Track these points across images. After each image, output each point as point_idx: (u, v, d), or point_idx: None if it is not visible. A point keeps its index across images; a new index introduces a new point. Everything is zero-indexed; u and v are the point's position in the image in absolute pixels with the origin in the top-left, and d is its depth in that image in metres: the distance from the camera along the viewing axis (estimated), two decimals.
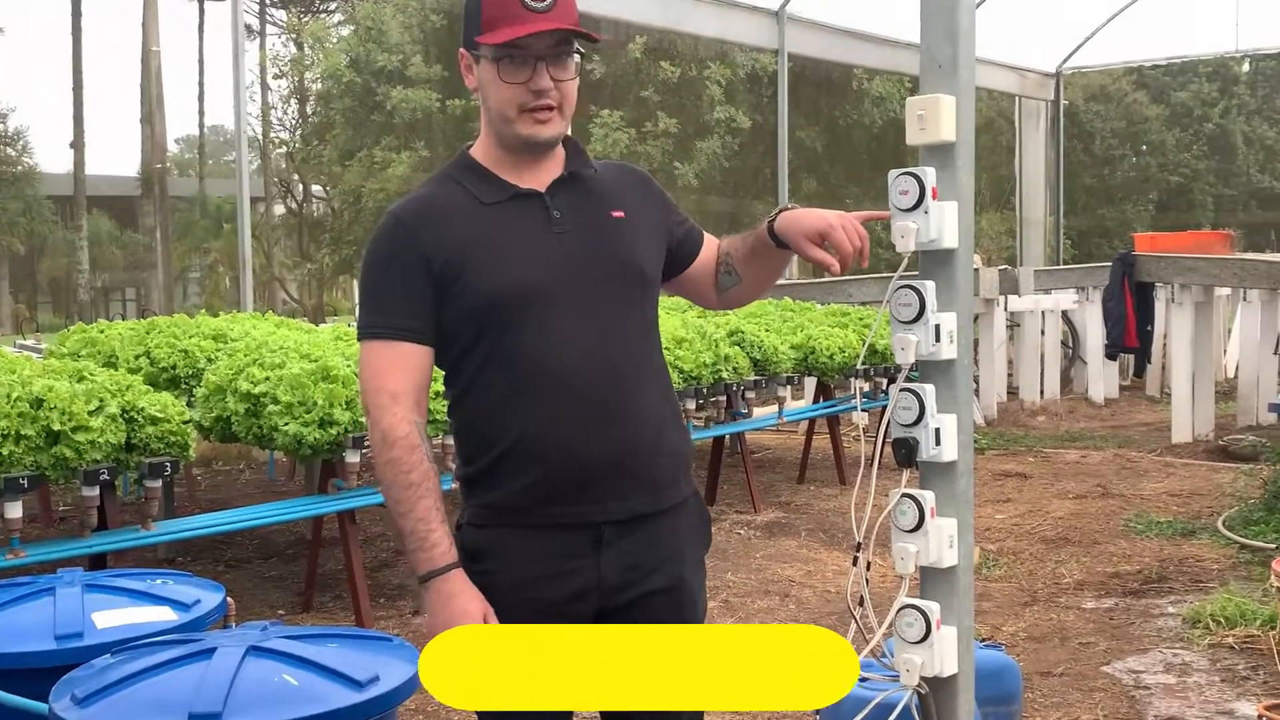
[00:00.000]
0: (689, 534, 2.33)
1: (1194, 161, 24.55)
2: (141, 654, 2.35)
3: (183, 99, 67.56)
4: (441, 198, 2.24)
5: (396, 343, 2.18)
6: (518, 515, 2.19)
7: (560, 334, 2.16)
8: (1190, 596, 5.41)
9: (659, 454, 2.24)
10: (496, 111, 2.20)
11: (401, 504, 2.14)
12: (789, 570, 6.07)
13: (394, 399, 2.16)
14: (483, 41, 2.15)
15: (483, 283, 2.15)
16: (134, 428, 4.56)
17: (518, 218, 2.21)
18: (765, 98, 18.56)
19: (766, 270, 2.43)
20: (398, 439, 2.14)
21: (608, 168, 2.37)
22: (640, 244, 2.28)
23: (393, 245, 2.20)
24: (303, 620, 5.36)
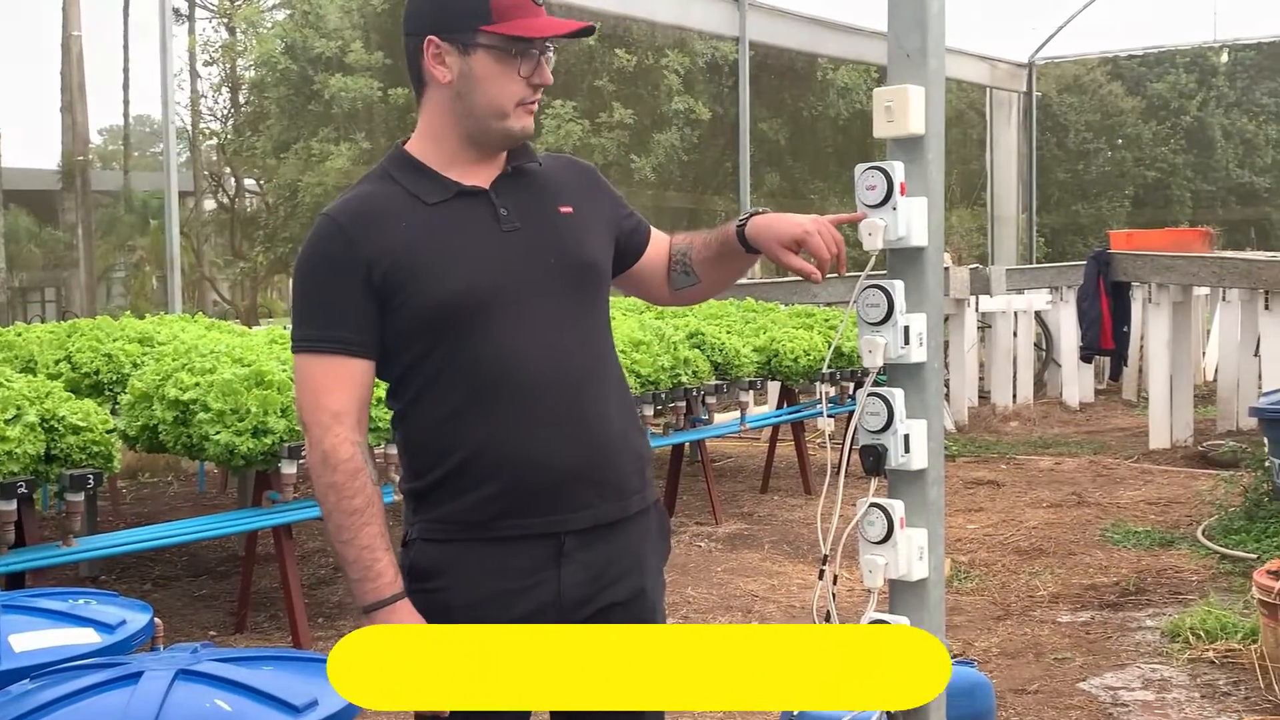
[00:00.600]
0: (650, 543, 2.34)
1: (1171, 155, 24.84)
2: (62, 679, 2.32)
3: (106, 87, 66.83)
4: (380, 197, 2.21)
5: (336, 357, 2.15)
6: (475, 529, 2.18)
7: (517, 338, 2.16)
8: (1169, 609, 5.47)
9: (623, 457, 2.25)
10: (490, 106, 2.18)
11: (344, 530, 2.13)
12: (752, 584, 6.09)
13: (335, 418, 2.13)
14: (494, 30, 2.14)
15: (432, 289, 2.14)
16: (54, 437, 4.50)
17: (464, 217, 2.20)
18: (726, 88, 18.60)
19: (729, 273, 2.45)
20: (340, 462, 2.12)
21: (553, 162, 2.37)
22: (590, 240, 2.29)
23: (329, 251, 2.17)
24: (236, 642, 5.31)
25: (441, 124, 2.22)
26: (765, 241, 2.29)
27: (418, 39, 2.19)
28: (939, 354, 2.36)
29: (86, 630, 2.75)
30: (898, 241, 2.28)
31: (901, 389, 2.31)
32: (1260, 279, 9.07)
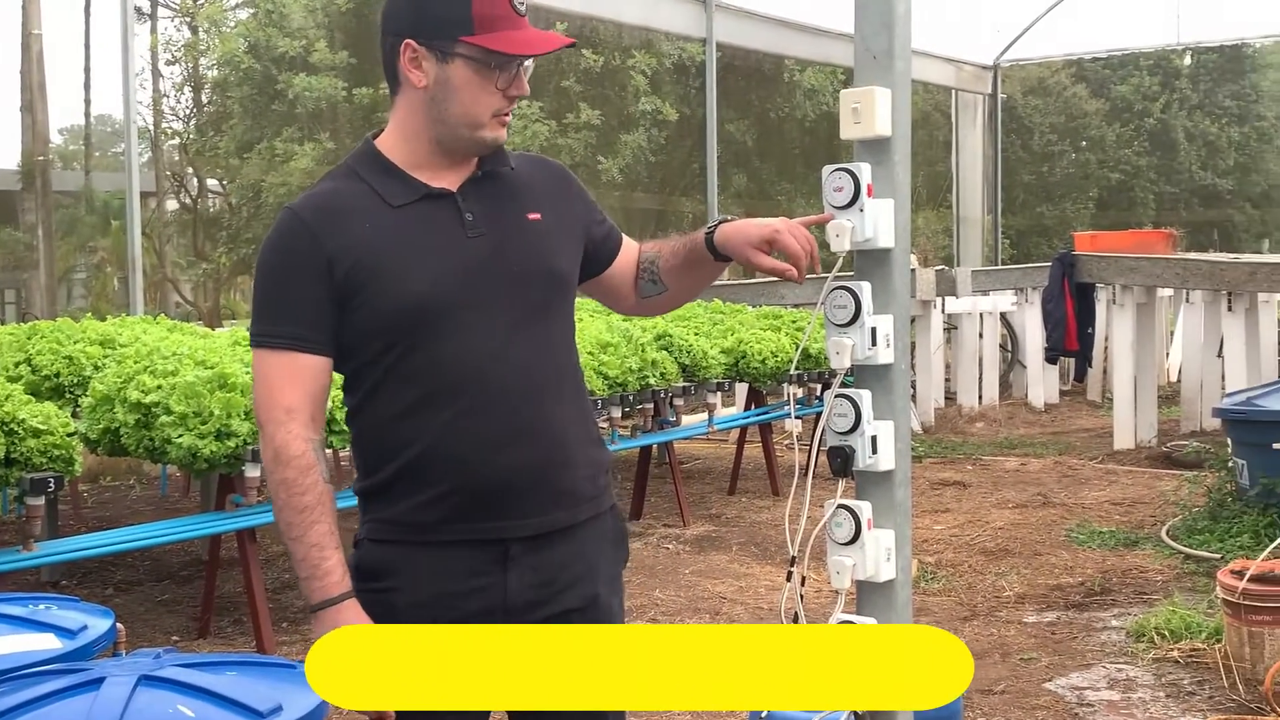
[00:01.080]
0: (603, 550, 2.31)
1: (1135, 158, 25.07)
2: (23, 685, 2.30)
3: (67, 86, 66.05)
4: (346, 195, 2.19)
5: (293, 353, 2.14)
6: (420, 531, 2.17)
7: (474, 344, 2.15)
8: (1134, 609, 5.51)
9: (576, 466, 2.24)
10: (463, 116, 2.17)
11: (294, 528, 2.12)
12: (720, 586, 6.10)
13: (289, 414, 2.13)
14: (475, 42, 2.13)
15: (392, 292, 2.13)
16: (14, 440, 4.46)
17: (428, 220, 2.18)
18: (693, 89, 18.63)
19: (697, 280, 2.45)
20: (291, 458, 2.12)
21: (525, 163, 2.35)
22: (557, 247, 2.27)
23: (291, 246, 2.16)
24: (199, 647, 5.28)
25: (414, 126, 2.21)
26: (736, 246, 2.28)
27: (395, 39, 2.17)
28: (906, 355, 2.37)
29: (47, 636, 2.72)
30: (865, 243, 2.29)
31: (869, 390, 2.32)
32: (1223, 280, 9.16)
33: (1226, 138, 25.87)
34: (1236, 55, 25.40)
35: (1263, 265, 9.26)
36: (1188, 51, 24.02)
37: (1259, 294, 9.30)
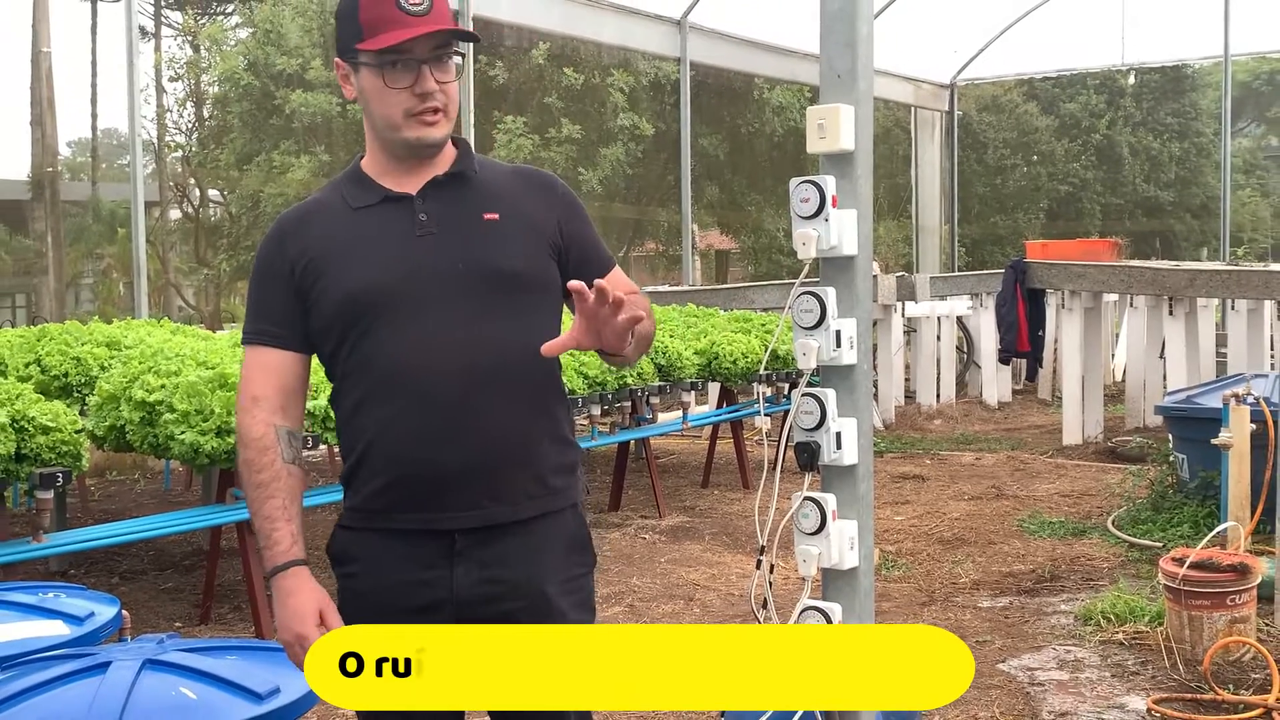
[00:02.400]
0: (557, 550, 2.23)
1: (1082, 171, 25.16)
2: (33, 669, 2.28)
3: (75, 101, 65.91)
4: (321, 204, 2.25)
5: (261, 347, 2.22)
6: (374, 519, 2.19)
7: (409, 339, 2.13)
8: (1082, 595, 5.54)
9: (517, 462, 2.16)
10: (382, 119, 2.17)
11: (253, 503, 2.20)
12: (693, 574, 6.10)
13: (254, 402, 2.20)
14: (364, 48, 2.12)
15: (335, 286, 2.15)
16: (24, 437, 4.43)
17: (382, 221, 2.19)
18: (668, 105, 18.63)
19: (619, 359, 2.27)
20: (251, 440, 2.19)
21: (502, 169, 2.31)
22: (512, 247, 2.19)
23: (266, 252, 2.24)
24: (201, 633, 5.25)
25: (369, 136, 2.25)
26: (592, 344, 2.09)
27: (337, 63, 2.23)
28: (868, 357, 2.37)
29: (56, 623, 2.71)
30: (830, 251, 2.29)
31: (834, 389, 2.32)
32: (1164, 286, 9.22)
33: (1168, 153, 26.00)
34: (1177, 75, 25.54)
35: (1201, 272, 9.32)
36: (1132, 72, 24.13)
37: (1198, 299, 9.37)
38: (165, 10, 29.96)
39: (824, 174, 2.31)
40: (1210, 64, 20.94)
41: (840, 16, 2.31)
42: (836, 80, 2.31)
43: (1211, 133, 25.55)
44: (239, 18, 25.61)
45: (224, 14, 27.85)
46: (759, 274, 22.31)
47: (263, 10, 20.36)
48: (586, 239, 2.30)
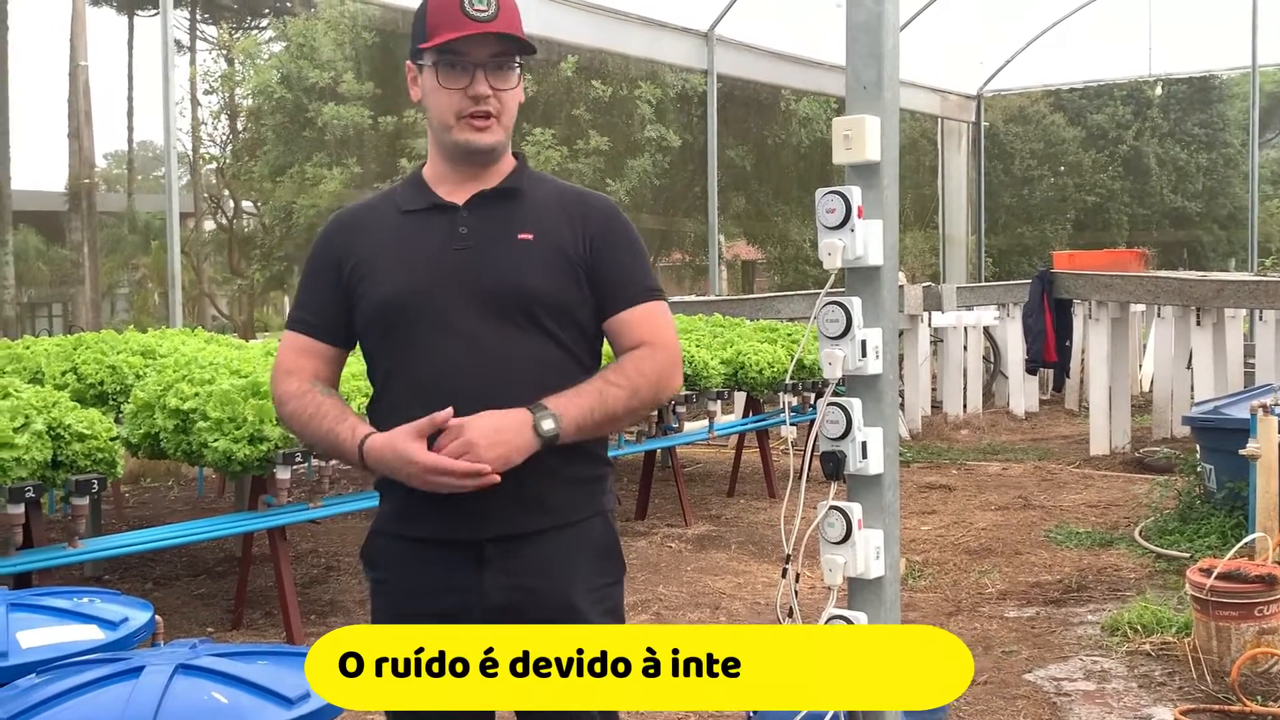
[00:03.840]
0: (585, 559, 2.22)
1: (1109, 182, 25.02)
2: (67, 673, 2.30)
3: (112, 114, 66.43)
4: (375, 206, 2.30)
5: (296, 334, 2.27)
6: (405, 525, 2.21)
7: (439, 350, 2.14)
8: (1109, 605, 5.50)
9: (536, 475, 2.12)
10: (437, 118, 2.20)
11: (313, 436, 2.21)
12: (719, 582, 6.09)
13: (287, 373, 2.25)
14: (424, 47, 2.17)
15: (373, 292, 2.19)
16: (60, 444, 4.46)
17: (424, 229, 2.21)
18: (695, 117, 18.65)
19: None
20: (289, 395, 2.22)
21: (553, 190, 2.29)
22: (540, 268, 2.18)
23: (318, 241, 2.30)
24: (232, 638, 5.27)
25: (430, 141, 2.28)
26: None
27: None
28: (894, 366, 2.37)
29: (90, 627, 2.72)
30: (855, 261, 2.29)
31: (859, 399, 2.32)
32: (1192, 297, 9.15)
33: (1195, 163, 25.82)
34: (1205, 86, 25.36)
35: (1229, 283, 9.25)
36: (1159, 82, 23.97)
37: (1225, 309, 9.28)
38: (200, 24, 30.22)
39: (850, 184, 2.31)
40: (1238, 74, 20.82)
41: (866, 28, 2.31)
42: (862, 91, 2.31)
43: (1239, 143, 25.37)
44: (273, 31, 25.81)
45: (258, 28, 28.08)
46: (785, 284, 22.28)
47: (296, 24, 20.52)
48: (617, 266, 2.24)
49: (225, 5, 28.99)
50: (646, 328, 2.22)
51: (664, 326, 2.25)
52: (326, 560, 6.67)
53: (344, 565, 6.56)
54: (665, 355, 2.22)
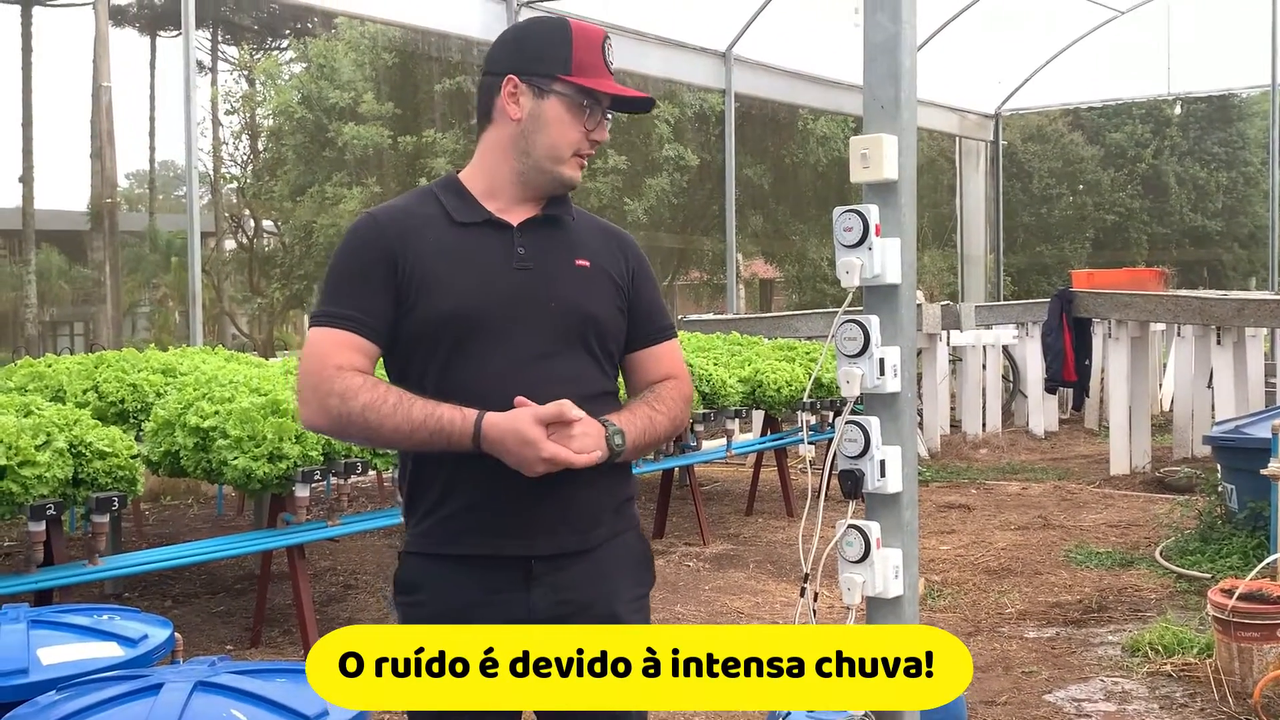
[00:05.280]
0: (625, 571, 2.27)
1: (1128, 201, 24.98)
2: (88, 690, 2.31)
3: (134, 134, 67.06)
4: (417, 208, 2.24)
5: (346, 332, 2.14)
6: (446, 545, 2.17)
7: (495, 368, 2.14)
8: (1129, 625, 5.46)
9: (591, 494, 2.18)
10: (548, 148, 2.21)
11: (402, 426, 2.06)
12: (737, 602, 6.07)
13: (341, 369, 2.10)
14: (572, 80, 2.19)
15: (431, 304, 2.15)
16: (81, 462, 4.49)
17: (482, 245, 2.20)
18: (713, 136, 18.71)
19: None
20: (357, 386, 2.08)
21: (590, 221, 2.35)
22: (599, 295, 2.25)
23: (361, 239, 2.20)
24: (251, 655, 5.28)
25: (497, 158, 2.24)
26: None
27: (498, 77, 2.23)
28: (913, 385, 2.36)
29: (110, 644, 2.73)
30: (873, 279, 2.29)
31: (878, 417, 2.31)
32: (1212, 316, 9.11)
33: (1215, 182, 25.75)
34: (1224, 105, 25.32)
35: (1249, 302, 9.20)
36: (1178, 101, 23.97)
37: (1246, 329, 9.24)
38: (222, 45, 30.48)
39: (867, 203, 2.31)
40: (1258, 93, 20.75)
41: (884, 48, 2.31)
42: (880, 111, 2.31)
43: (1259, 162, 25.28)
44: (293, 52, 26.01)
45: (279, 49, 28.30)
46: (803, 302, 22.27)
47: (316, 45, 20.67)
48: (651, 303, 2.36)
49: (246, 26, 29.24)
50: (674, 362, 2.37)
51: (684, 363, 2.41)
52: (345, 578, 6.68)
53: (362, 583, 6.57)
54: (688, 389, 2.39)
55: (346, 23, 19.40)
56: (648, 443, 2.24)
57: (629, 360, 2.35)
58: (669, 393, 2.31)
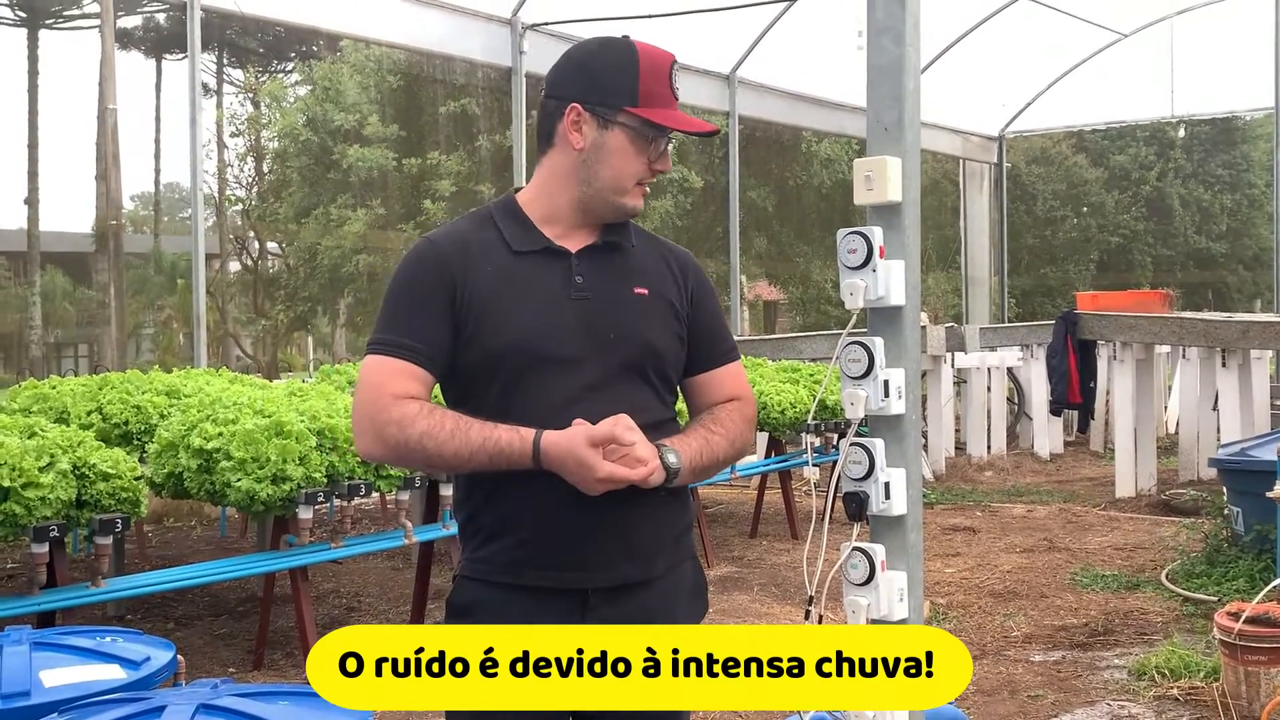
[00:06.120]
0: (681, 603, 2.27)
1: (1133, 223, 24.99)
2: (90, 713, 2.30)
3: (139, 156, 67.36)
4: (476, 234, 2.22)
5: (404, 362, 2.13)
6: (503, 574, 2.16)
7: (555, 399, 2.13)
8: (1136, 649, 5.44)
9: (651, 526, 2.19)
10: (612, 179, 2.20)
11: (461, 450, 2.06)
12: (742, 625, 6.05)
13: (396, 399, 2.09)
14: (638, 113, 2.17)
15: (491, 335, 2.14)
16: (85, 484, 4.49)
17: (541, 273, 2.19)
18: (716, 158, 18.74)
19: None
20: (415, 414, 2.08)
21: (650, 243, 2.34)
22: (658, 324, 2.24)
23: (419, 266, 2.18)
24: (254, 678, 5.27)
25: (557, 184, 2.23)
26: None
27: (561, 102, 2.21)
28: (917, 407, 2.36)
29: (113, 666, 2.73)
30: (877, 301, 2.29)
31: (882, 439, 2.31)
32: (1217, 338, 9.10)
33: (1219, 204, 25.77)
34: (1228, 127, 25.36)
35: (1254, 324, 9.20)
36: (1182, 124, 23.99)
37: (1251, 351, 9.23)
38: (227, 68, 30.63)
39: (871, 225, 2.32)
40: (1261, 115, 20.76)
41: (888, 71, 2.32)
42: (884, 133, 2.32)
43: (1264, 184, 25.29)
44: (298, 75, 26.13)
45: (284, 71, 28.43)
46: (807, 324, 22.28)
47: (321, 68, 20.76)
48: (712, 325, 2.35)
49: (252, 49, 29.38)
50: (736, 385, 2.37)
51: (747, 384, 2.41)
52: (348, 600, 6.67)
53: (365, 605, 6.55)
54: (752, 411, 2.38)
55: (351, 45, 19.49)
56: (706, 464, 2.22)
57: (690, 384, 2.34)
58: (727, 415, 2.31)
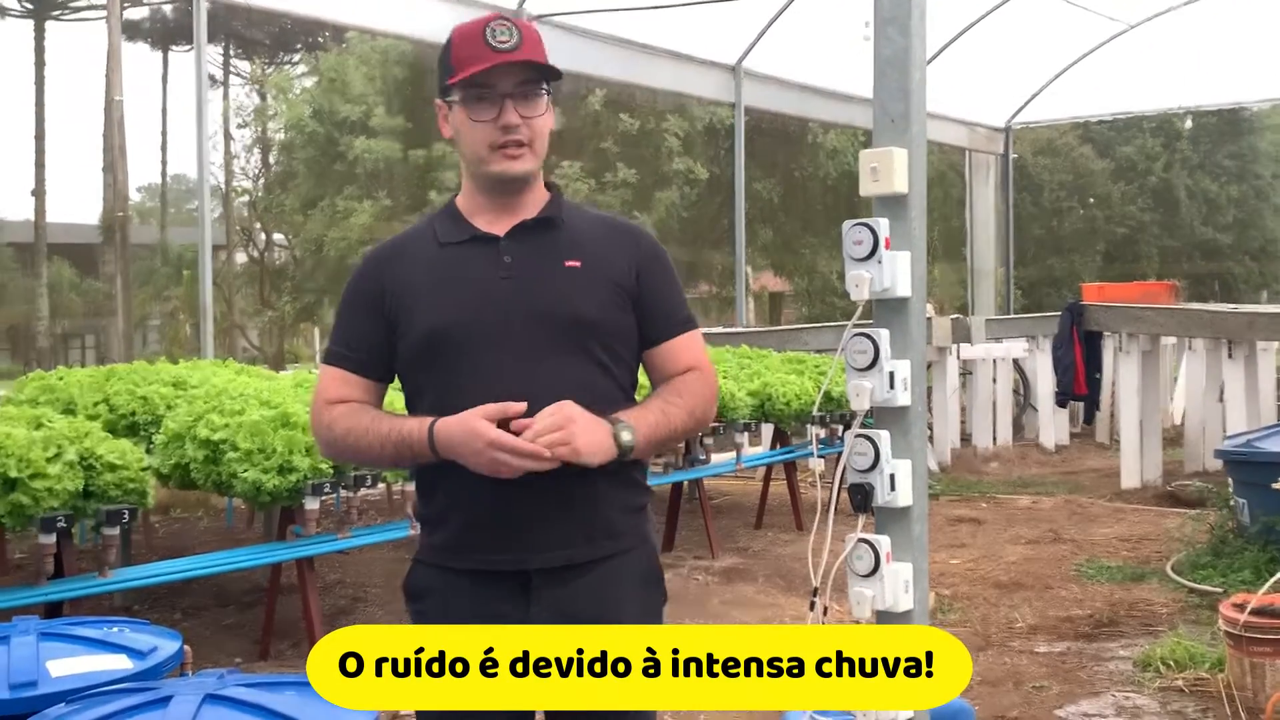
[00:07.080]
0: (631, 588, 2.25)
1: (1139, 214, 24.93)
2: (97, 703, 2.31)
3: (146, 148, 67.52)
4: (412, 238, 2.30)
5: (336, 368, 2.26)
6: (450, 558, 2.19)
7: (483, 379, 2.13)
8: (1141, 640, 5.44)
9: (590, 505, 2.17)
10: (470, 153, 2.21)
11: (373, 446, 2.17)
12: (747, 616, 6.05)
13: (328, 404, 2.23)
14: (452, 83, 2.18)
15: (418, 323, 2.18)
16: (92, 475, 4.50)
17: (468, 260, 2.21)
18: (722, 150, 18.71)
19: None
20: (339, 415, 2.21)
21: (591, 218, 2.33)
22: (591, 296, 2.20)
23: (355, 276, 2.29)
24: (260, 668, 5.28)
25: (464, 174, 2.29)
26: None
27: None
28: (923, 398, 2.36)
29: (120, 657, 2.74)
30: (883, 292, 2.29)
31: (887, 431, 2.31)
32: (1223, 329, 9.08)
33: (1226, 195, 25.70)
34: (1234, 118, 25.26)
35: (1261, 315, 9.18)
36: (1188, 114, 23.89)
37: (1258, 342, 9.21)
38: (234, 59, 30.62)
39: (877, 216, 2.31)
40: (1268, 106, 20.74)
41: (894, 62, 2.31)
42: (890, 124, 2.31)
43: (1270, 175, 25.26)
44: (305, 66, 26.10)
45: (290, 63, 28.41)
46: (812, 316, 22.26)
47: (328, 59, 20.74)
48: (662, 296, 2.31)
49: (258, 41, 29.35)
50: (693, 354, 2.33)
51: (705, 353, 2.37)
52: (354, 591, 6.68)
53: (371, 596, 6.56)
54: (712, 380, 2.35)
55: (358, 37, 19.46)
56: (664, 437, 2.21)
57: (647, 357, 2.32)
58: (686, 385, 2.28)
